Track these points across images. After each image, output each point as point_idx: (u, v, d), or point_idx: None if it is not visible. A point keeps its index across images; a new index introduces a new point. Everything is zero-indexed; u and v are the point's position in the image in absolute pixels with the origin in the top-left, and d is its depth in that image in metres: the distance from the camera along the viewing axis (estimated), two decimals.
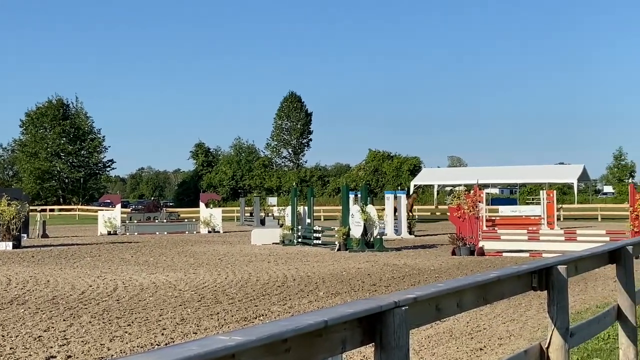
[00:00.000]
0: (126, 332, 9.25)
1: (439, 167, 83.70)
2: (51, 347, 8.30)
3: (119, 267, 18.43)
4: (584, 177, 50.60)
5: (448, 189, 59.98)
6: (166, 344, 8.47)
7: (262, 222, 44.39)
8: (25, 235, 30.63)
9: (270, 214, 47.50)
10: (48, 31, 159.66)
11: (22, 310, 11.16)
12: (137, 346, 8.38)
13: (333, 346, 2.85)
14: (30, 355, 7.90)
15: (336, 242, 24.39)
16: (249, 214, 51.44)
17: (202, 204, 40.84)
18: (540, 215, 34.86)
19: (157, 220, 41.32)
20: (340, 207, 27.86)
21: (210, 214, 39.58)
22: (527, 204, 50.69)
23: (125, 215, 42.49)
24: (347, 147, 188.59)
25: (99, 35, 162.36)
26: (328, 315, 2.77)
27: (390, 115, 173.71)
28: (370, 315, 3.02)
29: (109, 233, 36.71)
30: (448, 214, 25.91)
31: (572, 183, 51.48)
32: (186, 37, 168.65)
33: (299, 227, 28.10)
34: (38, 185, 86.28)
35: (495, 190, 75.94)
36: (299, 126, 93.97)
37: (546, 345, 4.85)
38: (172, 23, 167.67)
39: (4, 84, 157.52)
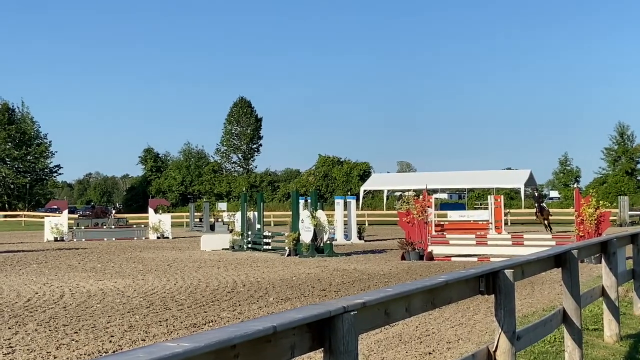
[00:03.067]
0: (73, 340, 9.10)
1: (388, 172, 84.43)
2: None
3: (66, 274, 18.15)
4: (530, 182, 51.41)
5: (397, 194, 60.47)
6: (114, 352, 8.37)
7: (212, 228, 44.10)
8: None
9: (220, 220, 47.22)
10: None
11: None
12: (85, 354, 8.25)
13: (282, 352, 2.85)
14: None
15: (286, 248, 24.37)
16: (198, 220, 51.13)
17: (150, 210, 40.48)
18: (488, 220, 35.37)
19: (105, 226, 40.82)
20: (290, 213, 27.86)
21: (159, 220, 39.28)
22: (475, 208, 51.33)
23: (72, 222, 41.91)
24: (297, 153, 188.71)
25: (44, 38, 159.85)
26: (277, 320, 2.78)
27: (340, 120, 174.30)
28: (320, 321, 3.03)
29: (56, 239, 36.14)
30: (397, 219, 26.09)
31: (519, 188, 52.27)
32: (134, 38, 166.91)
33: (249, 232, 28.04)
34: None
35: (444, 195, 76.72)
36: (249, 131, 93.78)
37: (494, 349, 4.92)
38: (119, 24, 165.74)
39: None
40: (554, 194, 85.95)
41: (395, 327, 9.48)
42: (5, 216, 73.24)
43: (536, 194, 39.83)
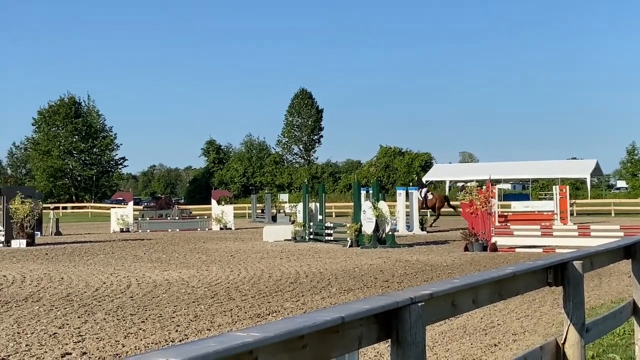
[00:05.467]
0: (140, 329, 9.27)
1: (450, 162, 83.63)
2: (66, 344, 8.33)
3: (132, 264, 18.48)
4: (597, 172, 50.46)
5: (460, 184, 59.92)
6: (180, 341, 8.50)
7: (274, 219, 44.45)
8: (38, 232, 30.77)
9: (281, 211, 47.53)
10: (60, 30, 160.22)
11: (37, 307, 11.21)
12: (152, 343, 8.40)
13: (349, 342, 2.84)
14: (45, 352, 7.93)
15: (348, 239, 24.37)
16: (260, 211, 51.53)
17: (213, 201, 40.92)
18: (553, 211, 34.76)
19: (169, 218, 41.42)
20: (352, 204, 27.84)
21: (221, 211, 39.66)
22: (540, 199, 50.49)
23: (137, 213, 42.62)
24: (358, 144, 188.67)
25: (109, 33, 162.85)
26: (345, 311, 2.77)
27: (402, 111, 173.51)
28: (387, 312, 3.01)
29: (122, 230, 36.83)
30: (460, 210, 25.83)
31: (585, 178, 51.34)
32: (198, 33, 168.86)
33: (311, 223, 28.12)
34: (51, 183, 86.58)
35: (507, 186, 75.78)
36: (309, 123, 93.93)
37: (562, 341, 4.83)
38: (183, 20, 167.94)
39: (17, 82, 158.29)
40: (621, 184, 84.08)
41: (459, 319, 9.40)
42: (73, 208, 74.96)
43: (423, 181, 38.92)
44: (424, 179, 54.61)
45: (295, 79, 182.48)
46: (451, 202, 38.90)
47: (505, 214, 35.22)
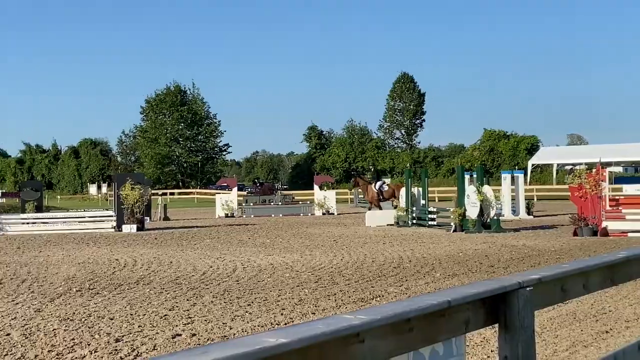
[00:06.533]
0: (247, 312, 9.45)
1: (557, 145, 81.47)
2: (176, 326, 8.58)
3: (238, 249, 18.83)
4: None
5: (568, 167, 58.37)
6: (285, 324, 8.62)
7: None
8: (148, 218, 31.73)
9: None
10: (163, 21, 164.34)
11: (148, 290, 11.57)
12: (258, 325, 8.54)
13: (456, 327, 2.81)
14: (157, 333, 8.19)
15: (452, 223, 24.12)
16: (362, 196, 51.59)
17: (316, 187, 41.24)
18: None
19: (272, 203, 41.99)
20: (455, 188, 27.54)
21: (324, 196, 39.92)
22: None
23: (241, 198, 43.39)
24: (461, 127, 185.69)
25: (211, 20, 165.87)
26: (451, 295, 2.74)
27: (506, 93, 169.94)
28: (494, 296, 2.96)
29: (227, 215, 37.58)
30: (568, 193, 25.15)
31: None
32: (297, 19, 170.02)
33: (414, 208, 27.96)
34: (158, 170, 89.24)
35: (618, 169, 73.23)
36: (411, 107, 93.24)
37: None
38: (284, 5, 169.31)
39: (125, 71, 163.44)
40: None
41: (568, 305, 9.16)
42: (180, 194, 77.00)
43: (372, 168, 36.92)
44: (531, 162, 53.43)
45: (396, 63, 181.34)
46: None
47: (617, 197, 34.05)
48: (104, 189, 73.02)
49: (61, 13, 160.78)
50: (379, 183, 34.86)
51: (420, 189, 28.52)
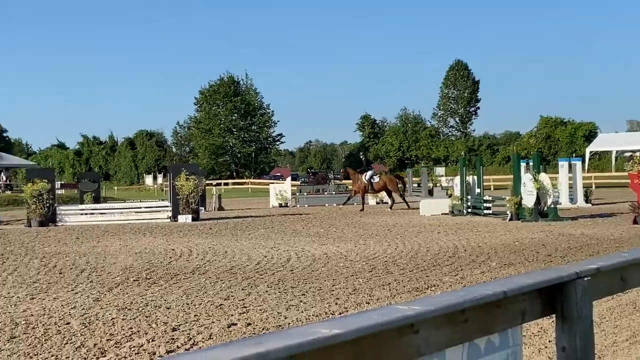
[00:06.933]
0: (301, 302, 9.48)
1: (616, 132, 79.87)
2: (232, 315, 8.65)
3: (292, 239, 18.90)
4: None
5: (627, 154, 57.18)
6: (340, 314, 8.63)
7: (430, 193, 44.11)
8: (203, 208, 32.02)
9: (438, 185, 47.12)
10: (217, 12, 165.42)
11: (204, 279, 11.70)
12: (313, 315, 8.57)
13: (512, 317, 2.78)
14: (213, 322, 8.27)
15: (507, 212, 23.84)
16: (416, 185, 51.33)
17: None
18: None
19: (326, 192, 42.02)
20: (511, 176, 27.21)
21: None
22: None
23: (295, 188, 43.49)
24: (516, 115, 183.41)
25: (263, 12, 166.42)
26: (507, 286, 2.70)
27: (563, 79, 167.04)
28: (551, 286, 2.92)
29: (280, 205, 37.74)
30: (628, 181, 24.64)
31: None
32: (350, 6, 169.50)
33: (469, 197, 27.71)
34: (213, 160, 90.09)
35: None
36: (465, 94, 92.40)
37: None
38: None
39: (180, 63, 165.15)
40: None
41: (628, 294, 8.98)
42: (234, 184, 77.62)
43: (362, 157, 35.43)
44: (589, 149, 52.48)
45: (449, 50, 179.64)
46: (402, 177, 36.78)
47: None
48: (160, 179, 73.99)
49: (116, 6, 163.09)
50: (369, 173, 33.76)
51: (475, 177, 28.25)
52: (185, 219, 26.56)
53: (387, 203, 37.87)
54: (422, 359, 2.35)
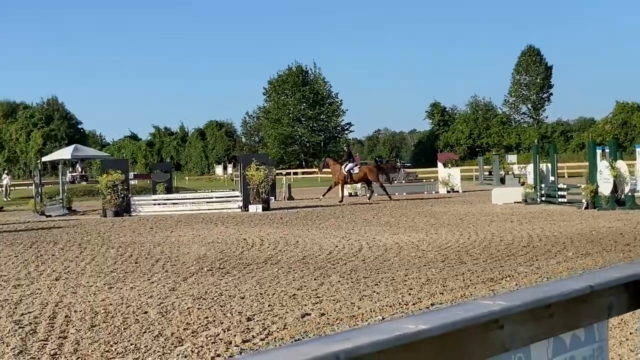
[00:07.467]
0: (374, 292, 9.46)
1: None
2: (305, 305, 8.69)
3: (362, 228, 18.88)
4: None
5: None
6: (414, 304, 8.58)
7: (502, 181, 43.57)
8: (273, 198, 32.24)
9: (510, 172, 46.46)
10: (285, 3, 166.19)
11: (276, 269, 11.78)
12: (386, 305, 8.54)
13: (599, 312, 2.70)
14: (286, 312, 8.32)
15: (583, 200, 23.34)
16: (487, 173, 50.75)
17: (439, 164, 40.81)
18: None
19: (395, 181, 41.88)
20: (586, 164, 26.64)
21: (448, 174, 39.45)
22: None
23: None
24: (591, 100, 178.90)
25: (330, 3, 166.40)
26: (593, 280, 2.63)
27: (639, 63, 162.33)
28: (637, 281, 2.83)
29: (350, 195, 37.71)
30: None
31: None
32: None
33: (542, 185, 27.23)
34: (282, 150, 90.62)
35: None
36: (538, 80, 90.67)
37: None
38: None
39: (248, 53, 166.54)
40: None
41: None
42: (303, 173, 77.93)
43: (346, 148, 33.59)
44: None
45: (520, 36, 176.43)
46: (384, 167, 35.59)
47: None
48: (229, 169, 74.85)
49: None
50: (349, 165, 33.01)
51: (549, 164, 27.75)
52: (255, 208, 26.78)
53: (457, 192, 37.50)
54: (507, 355, 2.31)
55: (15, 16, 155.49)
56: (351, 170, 32.76)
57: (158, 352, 6.72)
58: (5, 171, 56.56)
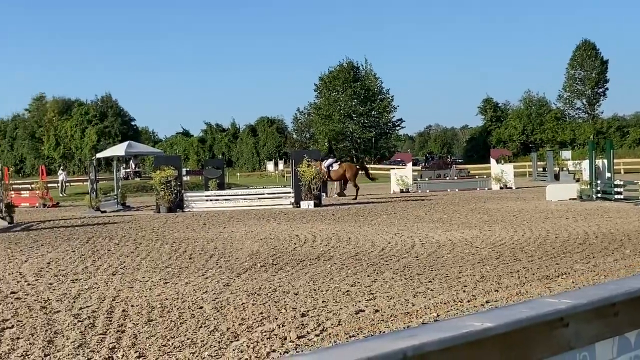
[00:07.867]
0: (428, 289, 9.42)
1: None
2: (359, 302, 8.69)
3: (415, 225, 18.79)
4: None
5: None
6: (468, 301, 8.51)
7: (557, 177, 42.91)
8: (324, 194, 32.23)
9: (564, 169, 45.76)
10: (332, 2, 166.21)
11: (329, 265, 11.80)
12: (440, 302, 8.49)
13: None
14: (341, 308, 8.33)
15: None
16: (541, 169, 50.08)
17: (492, 160, 40.40)
18: None
19: (447, 178, 41.60)
20: None
21: (501, 170, 39.05)
22: None
23: (416, 173, 43.25)
24: None
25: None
26: None
27: None
28: None
29: (402, 191, 37.60)
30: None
31: None
32: None
33: (598, 181, 26.77)
34: (333, 146, 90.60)
35: None
36: (593, 75, 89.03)
37: None
38: None
39: (299, 50, 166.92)
40: None
41: None
42: None
43: (327, 144, 32.24)
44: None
45: (575, 30, 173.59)
46: (366, 166, 34.63)
47: None
48: (281, 165, 75.13)
49: None
50: (328, 161, 32.36)
51: (605, 160, 27.26)
52: (307, 205, 26.83)
53: (511, 188, 37.11)
54: (571, 353, 2.29)
55: (71, 15, 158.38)
56: (330, 167, 32.34)
57: (214, 346, 6.79)
58: (61, 167, 57.54)
